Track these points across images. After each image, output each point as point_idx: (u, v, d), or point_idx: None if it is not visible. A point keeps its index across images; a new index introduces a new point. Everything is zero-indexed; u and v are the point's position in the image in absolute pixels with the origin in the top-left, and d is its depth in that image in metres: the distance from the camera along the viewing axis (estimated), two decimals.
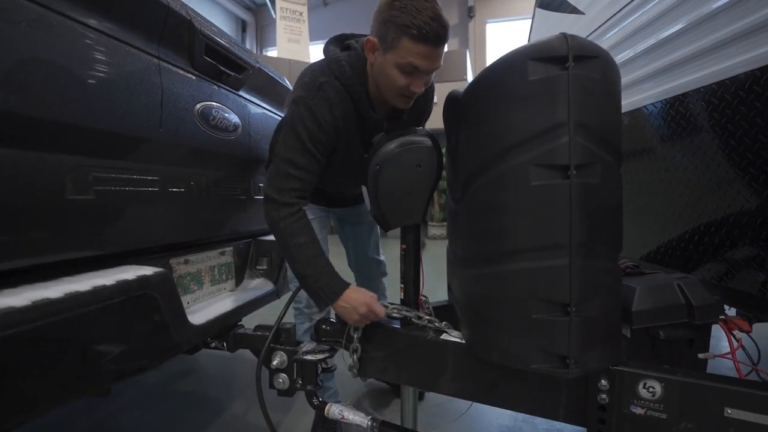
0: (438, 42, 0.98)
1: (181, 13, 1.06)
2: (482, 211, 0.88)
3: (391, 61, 1.02)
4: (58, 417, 1.67)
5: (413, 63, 0.99)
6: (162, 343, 0.94)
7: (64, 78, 0.77)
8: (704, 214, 1.22)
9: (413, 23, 0.94)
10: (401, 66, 1.01)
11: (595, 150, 0.78)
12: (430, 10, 0.95)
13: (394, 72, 1.03)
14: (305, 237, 1.09)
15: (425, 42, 0.97)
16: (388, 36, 0.99)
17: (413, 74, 1.02)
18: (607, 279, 0.81)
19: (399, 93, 1.07)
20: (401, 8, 0.95)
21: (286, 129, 1.11)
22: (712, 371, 0.88)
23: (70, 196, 0.80)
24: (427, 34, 0.95)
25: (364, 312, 1.06)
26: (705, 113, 1.15)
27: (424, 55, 0.99)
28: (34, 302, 0.64)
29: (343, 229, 1.70)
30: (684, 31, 1.22)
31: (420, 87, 1.05)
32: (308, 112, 1.08)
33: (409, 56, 0.99)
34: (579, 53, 0.75)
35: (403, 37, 0.97)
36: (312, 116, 1.08)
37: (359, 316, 1.07)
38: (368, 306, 1.07)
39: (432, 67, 1.03)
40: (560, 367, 0.79)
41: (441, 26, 0.96)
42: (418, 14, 0.94)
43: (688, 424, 0.80)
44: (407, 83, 1.04)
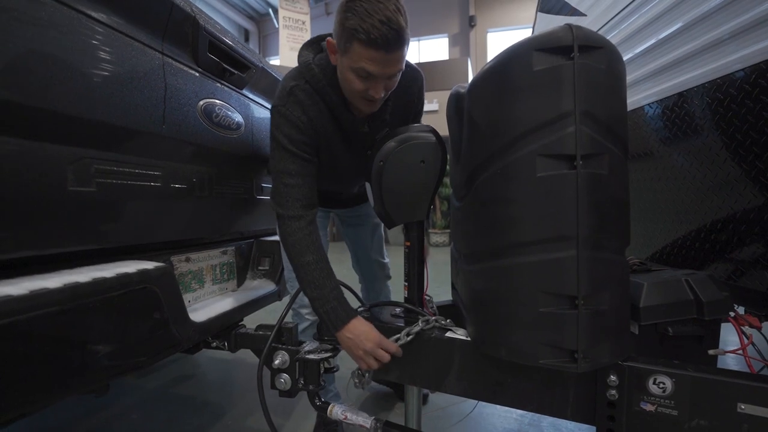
0: (388, 47, 0.92)
1: (186, 9, 1.06)
2: (488, 205, 0.87)
3: (347, 65, 0.98)
4: (56, 421, 1.64)
5: (365, 68, 0.95)
6: (162, 339, 0.92)
7: (68, 70, 0.77)
8: (710, 213, 1.21)
9: (362, 27, 0.89)
10: (355, 70, 0.97)
11: (602, 140, 0.77)
12: (381, 12, 0.89)
13: (351, 76, 0.99)
14: (313, 255, 1.06)
15: (375, 47, 0.91)
16: (342, 39, 0.95)
17: (369, 79, 0.98)
18: (615, 271, 0.80)
19: (360, 97, 1.03)
20: (352, 10, 0.90)
21: (271, 141, 1.11)
22: (723, 368, 0.86)
23: (71, 187, 0.79)
24: (375, 39, 0.90)
25: (370, 348, 0.99)
26: (708, 110, 1.14)
27: (376, 60, 0.94)
28: (32, 291, 0.63)
29: (346, 231, 1.70)
30: (684, 29, 1.22)
31: (379, 92, 1.01)
32: (283, 118, 1.07)
33: (361, 61, 0.95)
34: (584, 43, 0.75)
35: (354, 42, 0.93)
36: (287, 121, 1.07)
37: (362, 352, 0.99)
38: (375, 342, 0.99)
39: (387, 73, 0.98)
40: (568, 362, 0.78)
41: (391, 30, 0.90)
42: (368, 17, 0.88)
43: (700, 421, 0.78)
44: (365, 88, 1.00)
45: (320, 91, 1.09)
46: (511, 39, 10.62)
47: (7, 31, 0.66)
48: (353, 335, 1.01)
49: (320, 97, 1.10)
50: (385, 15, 0.88)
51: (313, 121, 1.10)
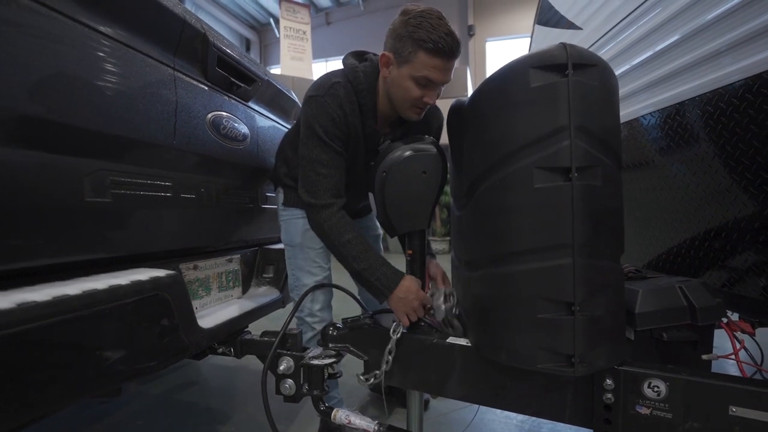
0: (451, 55, 1.06)
1: (197, 26, 1.11)
2: (487, 214, 0.91)
3: (407, 74, 1.09)
4: (61, 426, 1.66)
5: (427, 75, 1.07)
6: (172, 344, 0.95)
7: (88, 86, 0.81)
8: (704, 221, 1.24)
9: (429, 38, 1.02)
10: (416, 78, 1.09)
11: (596, 153, 0.81)
12: (445, 26, 1.04)
13: (409, 84, 1.10)
14: (351, 234, 1.14)
15: (440, 55, 1.05)
16: (404, 50, 1.07)
17: (427, 86, 1.10)
18: (610, 278, 0.83)
19: (412, 104, 1.14)
20: (417, 25, 1.03)
21: (303, 129, 1.17)
22: (716, 372, 0.89)
23: (88, 198, 0.83)
24: (442, 48, 1.03)
25: (417, 305, 1.10)
26: (701, 121, 1.18)
27: (438, 68, 1.07)
28: (54, 298, 0.66)
29: None
30: (679, 42, 1.27)
31: (432, 98, 1.13)
32: (320, 108, 1.14)
33: (424, 69, 1.07)
34: (578, 61, 0.79)
35: (420, 51, 1.05)
36: (324, 112, 1.14)
37: (411, 309, 1.10)
38: (421, 299, 1.11)
39: (444, 80, 1.10)
40: (566, 366, 0.81)
41: (455, 41, 1.05)
42: (434, 30, 1.02)
43: (693, 423, 0.80)
44: (421, 95, 1.11)
45: (359, 93, 1.18)
46: (510, 48, 10.64)
47: (33, 51, 0.70)
48: (405, 294, 1.10)
49: (357, 99, 1.18)
50: (448, 29, 1.05)
51: (348, 117, 1.17)
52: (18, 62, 0.68)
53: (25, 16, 0.69)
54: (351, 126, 1.19)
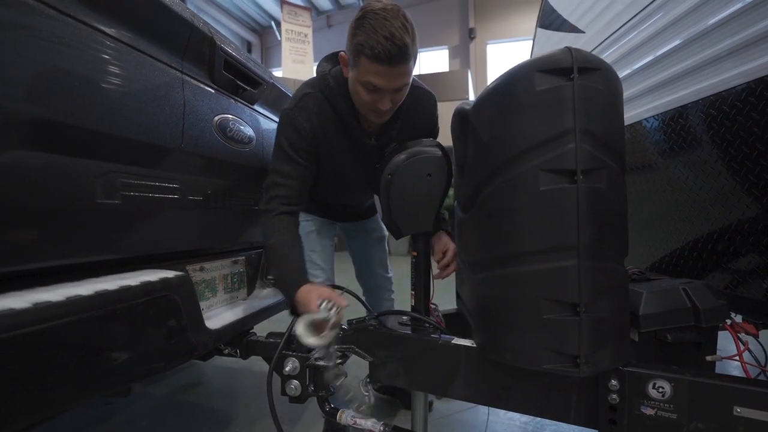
0: (391, 62, 0.97)
1: (204, 30, 1.12)
2: (493, 216, 0.92)
3: (355, 78, 1.04)
4: (65, 426, 1.67)
5: (371, 81, 1.01)
6: (180, 344, 0.96)
7: (99, 89, 0.82)
8: (707, 223, 1.25)
9: (368, 43, 0.95)
10: (363, 83, 1.03)
11: (600, 156, 0.82)
12: (387, 29, 0.94)
13: (359, 88, 1.05)
14: (276, 238, 1.14)
15: (378, 61, 0.96)
16: (351, 54, 1.02)
17: (376, 92, 1.03)
18: (614, 280, 0.84)
19: (368, 108, 1.09)
20: (359, 26, 0.97)
21: (275, 141, 1.20)
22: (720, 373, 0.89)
23: (99, 200, 0.84)
24: (379, 54, 0.95)
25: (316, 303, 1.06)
26: (704, 124, 1.19)
27: (381, 74, 0.99)
28: (68, 298, 0.67)
29: (350, 243, 1.75)
30: (681, 47, 1.28)
31: (385, 104, 1.06)
32: (287, 122, 1.15)
33: (367, 75, 1.00)
34: (583, 65, 0.80)
35: (361, 56, 0.98)
36: (291, 125, 1.15)
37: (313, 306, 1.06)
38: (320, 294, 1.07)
39: (392, 86, 1.02)
40: (571, 366, 0.81)
41: (394, 46, 0.94)
42: (374, 33, 0.94)
43: (698, 424, 0.81)
44: (372, 100, 1.05)
45: (332, 100, 1.15)
46: (511, 51, 10.70)
47: (48, 55, 0.71)
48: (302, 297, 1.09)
49: (330, 106, 1.16)
50: (389, 31, 0.94)
51: (316, 128, 1.16)
52: (33, 66, 0.69)
53: (40, 21, 0.71)
54: (322, 135, 1.17)
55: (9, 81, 0.66)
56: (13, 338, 0.58)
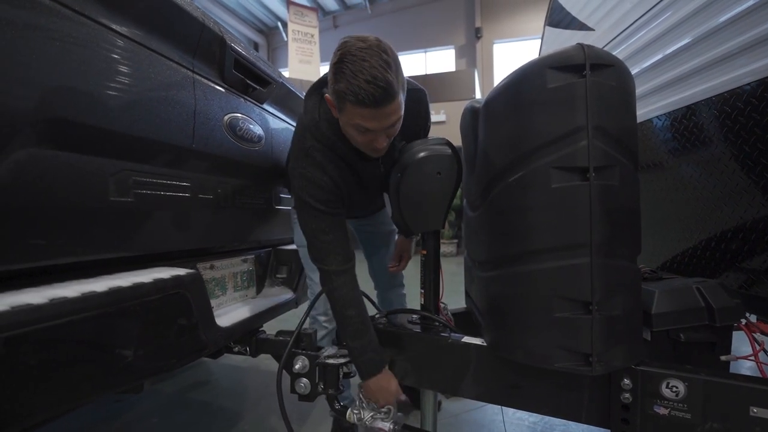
0: (376, 104, 0.92)
1: (214, 29, 1.13)
2: (504, 214, 0.91)
3: (345, 122, 1.01)
4: (75, 424, 1.69)
5: (361, 124, 0.97)
6: (192, 342, 0.97)
7: (113, 89, 0.83)
8: (720, 222, 1.23)
9: (350, 90, 0.90)
10: (354, 126, 0.99)
11: (613, 153, 0.81)
12: (367, 71, 0.89)
13: (352, 131, 1.02)
14: (355, 310, 1.11)
15: (364, 106, 0.92)
16: (335, 99, 0.98)
17: (368, 132, 1.00)
18: (627, 278, 0.83)
19: (365, 147, 1.06)
20: (340, 72, 0.92)
21: (296, 201, 1.15)
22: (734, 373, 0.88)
23: (112, 197, 0.84)
24: (363, 100, 0.90)
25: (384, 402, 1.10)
26: (717, 122, 1.18)
27: (369, 117, 0.95)
28: (83, 294, 0.68)
29: (362, 238, 1.75)
30: (691, 44, 1.26)
31: (381, 143, 1.03)
32: (305, 180, 1.10)
33: (356, 118, 0.96)
34: (595, 62, 0.79)
35: (346, 102, 0.94)
36: (310, 183, 1.10)
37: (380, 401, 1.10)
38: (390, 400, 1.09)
39: (383, 125, 0.98)
40: (583, 365, 0.81)
41: (378, 88, 0.90)
42: (354, 79, 0.89)
43: (713, 424, 0.80)
44: (367, 140, 1.02)
45: (332, 147, 1.12)
46: (518, 50, 10.64)
47: (64, 56, 0.72)
48: (377, 388, 1.10)
49: (334, 154, 1.12)
50: (370, 74, 0.89)
51: (335, 179, 1.13)
52: (49, 66, 0.70)
53: (57, 21, 0.71)
54: (340, 182, 1.14)
55: (26, 81, 0.67)
56: (30, 333, 0.59)
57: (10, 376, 0.58)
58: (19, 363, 0.58)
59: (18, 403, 0.60)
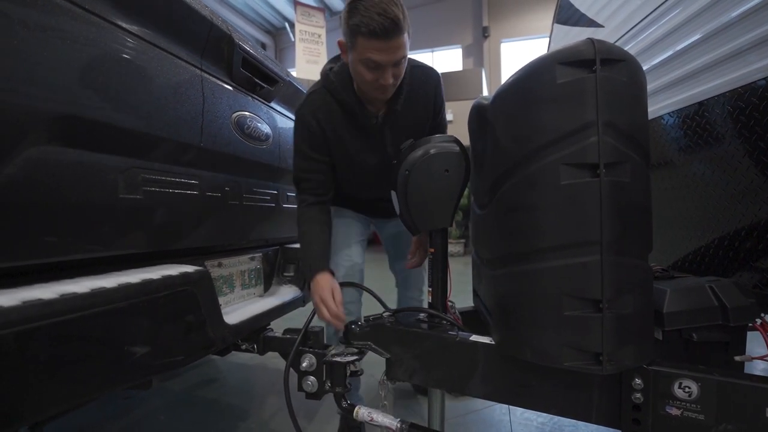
0: (386, 35, 1.03)
1: (222, 28, 1.13)
2: (513, 211, 0.90)
3: (355, 59, 1.10)
4: (86, 420, 1.70)
5: (371, 58, 1.06)
6: (200, 338, 0.97)
7: (123, 86, 0.84)
8: (733, 221, 1.21)
9: (362, 22, 1.01)
10: (363, 62, 1.08)
11: (624, 149, 0.80)
12: (378, 6, 1.01)
13: (361, 68, 1.11)
14: (308, 225, 1.30)
15: (375, 37, 1.02)
16: (348, 37, 1.08)
17: (377, 68, 1.09)
18: (638, 276, 0.82)
19: (372, 87, 1.15)
20: (352, 10, 1.04)
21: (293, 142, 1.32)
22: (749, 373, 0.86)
23: (121, 194, 0.85)
24: (374, 30, 1.01)
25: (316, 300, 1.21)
26: (729, 119, 1.15)
27: (379, 49, 1.05)
28: (92, 290, 0.69)
29: (384, 237, 1.81)
30: (702, 40, 1.24)
31: (387, 79, 1.11)
32: (299, 122, 1.27)
33: (366, 52, 1.06)
34: (606, 56, 0.78)
35: (358, 36, 1.05)
36: (301, 124, 1.27)
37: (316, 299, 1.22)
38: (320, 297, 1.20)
39: (391, 59, 1.08)
40: (593, 364, 0.80)
41: (388, 19, 1.01)
42: (366, 12, 1.01)
43: (727, 425, 0.78)
44: (374, 77, 1.11)
45: (333, 92, 1.24)
46: (525, 49, 10.59)
47: (74, 54, 0.73)
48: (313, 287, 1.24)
49: (333, 98, 1.25)
50: (381, 8, 1.01)
51: (322, 121, 1.25)
52: (60, 64, 0.71)
53: (69, 21, 0.72)
54: (333, 126, 1.26)
55: (37, 79, 0.67)
56: (40, 328, 0.60)
57: (21, 370, 0.58)
58: (30, 357, 0.59)
59: (29, 397, 0.60)
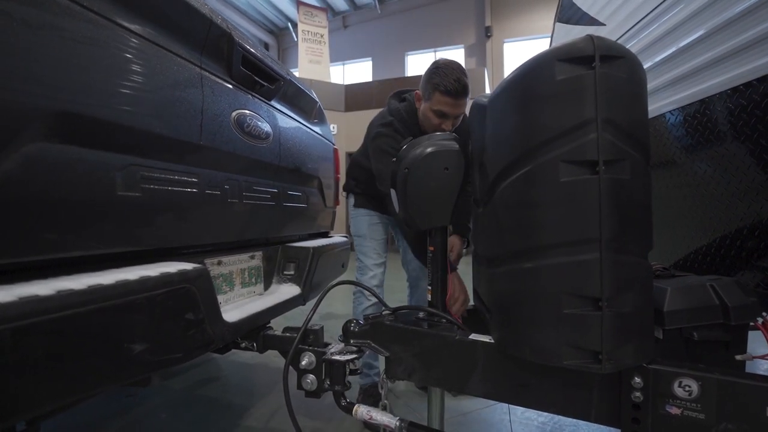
0: (456, 95, 1.47)
1: (222, 26, 1.13)
2: (511, 209, 0.90)
3: (429, 108, 1.55)
4: (87, 417, 1.71)
5: (441, 109, 1.51)
6: (198, 336, 0.97)
7: (121, 83, 0.84)
8: (735, 220, 1.20)
9: (442, 82, 1.46)
10: (435, 111, 1.53)
11: (623, 146, 0.79)
12: (455, 74, 1.45)
13: (431, 114, 1.55)
14: None
15: (449, 95, 1.47)
16: (427, 91, 1.53)
17: (443, 117, 1.54)
18: (638, 274, 0.81)
19: (434, 129, 1.55)
20: (434, 72, 1.48)
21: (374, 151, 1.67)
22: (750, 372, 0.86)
23: (119, 192, 0.85)
24: (450, 91, 1.46)
25: None
26: (731, 116, 1.15)
27: (449, 104, 1.50)
28: (90, 287, 0.69)
29: (398, 233, 2.01)
30: (704, 37, 1.23)
31: (448, 126, 1.56)
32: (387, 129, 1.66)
33: (438, 105, 1.51)
34: (605, 53, 0.78)
35: (436, 92, 1.49)
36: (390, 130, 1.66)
37: None
38: None
39: (455, 113, 1.53)
40: (593, 362, 0.79)
41: (461, 85, 1.46)
42: (446, 77, 1.45)
43: (727, 425, 0.78)
44: (439, 123, 1.55)
45: (405, 124, 1.67)
46: (528, 49, 10.61)
47: (72, 51, 0.73)
48: None
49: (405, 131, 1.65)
50: (457, 76, 1.46)
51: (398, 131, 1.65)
52: (59, 61, 0.71)
53: (67, 18, 0.72)
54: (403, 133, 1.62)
55: (36, 76, 0.67)
56: (37, 324, 0.60)
57: (17, 366, 0.58)
58: (26, 353, 0.59)
59: (25, 392, 0.60)
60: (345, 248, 2.03)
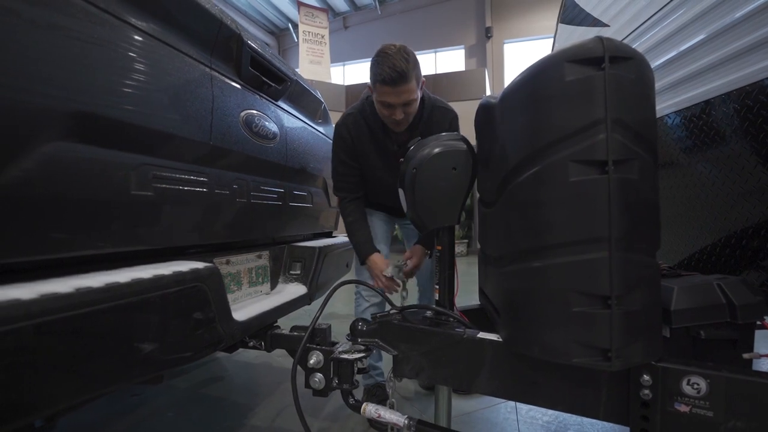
0: (394, 84, 1.36)
1: (232, 27, 1.14)
2: (521, 209, 0.91)
3: (376, 99, 1.47)
4: (93, 417, 1.72)
5: (384, 99, 1.42)
6: (209, 334, 0.98)
7: (135, 84, 0.85)
8: (740, 219, 1.21)
9: (377, 72, 1.37)
10: (380, 102, 1.45)
11: (632, 146, 0.80)
12: (390, 60, 1.34)
13: (379, 106, 1.48)
14: (351, 217, 1.67)
15: (386, 84, 1.37)
16: (371, 83, 1.44)
17: (390, 107, 1.43)
18: (646, 273, 0.82)
19: (387, 120, 1.51)
20: (374, 63, 1.38)
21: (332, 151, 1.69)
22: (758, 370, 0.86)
23: (133, 191, 0.86)
24: (384, 79, 1.35)
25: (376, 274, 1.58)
26: (736, 117, 1.15)
27: (389, 93, 1.39)
28: (107, 284, 0.69)
29: (405, 233, 2.04)
30: (708, 39, 1.24)
31: (398, 115, 1.45)
32: (336, 134, 1.66)
33: (381, 96, 1.42)
34: (614, 54, 0.79)
35: (376, 83, 1.40)
36: (338, 135, 1.65)
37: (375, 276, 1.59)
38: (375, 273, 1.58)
39: (398, 101, 1.41)
40: (602, 360, 0.80)
41: (396, 72, 1.34)
42: (380, 65, 1.35)
43: (736, 422, 0.79)
44: (389, 113, 1.46)
45: (366, 118, 1.61)
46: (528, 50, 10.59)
47: (89, 53, 0.74)
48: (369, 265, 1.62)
49: (365, 122, 1.61)
50: (392, 63, 1.34)
51: (354, 138, 1.63)
52: (75, 62, 0.72)
53: (82, 19, 0.73)
54: (358, 143, 1.63)
55: (52, 77, 0.68)
56: (58, 321, 0.61)
57: (38, 362, 0.59)
58: (46, 350, 0.60)
59: (45, 389, 0.61)
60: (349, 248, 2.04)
